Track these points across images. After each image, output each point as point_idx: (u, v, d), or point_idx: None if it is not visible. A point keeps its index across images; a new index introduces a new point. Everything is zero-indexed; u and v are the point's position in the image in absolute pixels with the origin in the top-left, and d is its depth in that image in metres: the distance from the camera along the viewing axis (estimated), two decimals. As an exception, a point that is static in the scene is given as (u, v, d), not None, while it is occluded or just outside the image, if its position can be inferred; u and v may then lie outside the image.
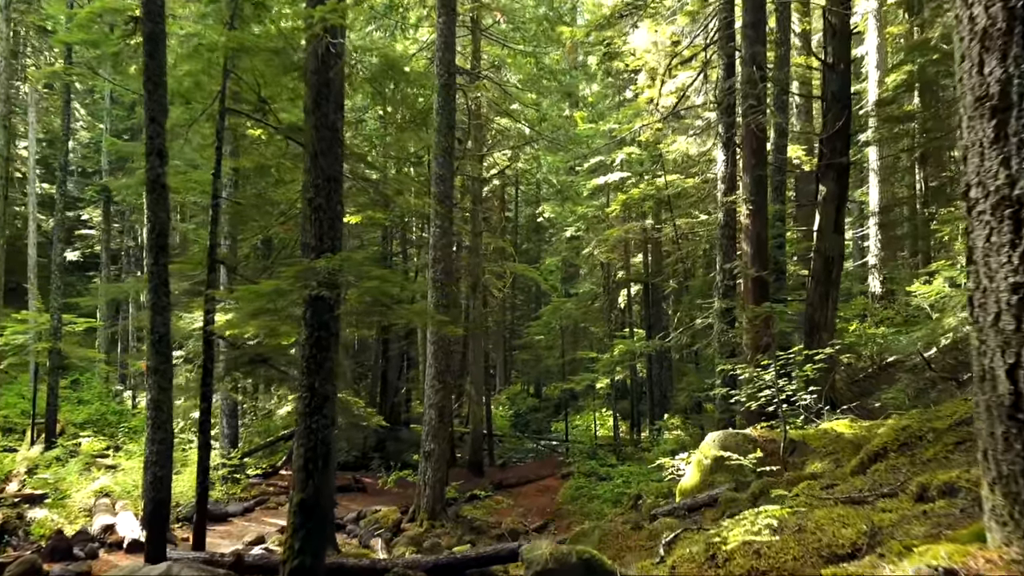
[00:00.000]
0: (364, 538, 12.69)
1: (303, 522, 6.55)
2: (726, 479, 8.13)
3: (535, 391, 38.36)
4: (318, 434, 6.69)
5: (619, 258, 25.92)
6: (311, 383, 6.75)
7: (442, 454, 14.21)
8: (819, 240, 12.14)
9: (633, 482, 16.49)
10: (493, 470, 22.31)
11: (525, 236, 42.39)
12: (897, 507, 3.47)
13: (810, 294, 12.25)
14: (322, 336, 6.79)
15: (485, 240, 24.08)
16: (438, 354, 14.05)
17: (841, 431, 8.18)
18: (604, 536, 7.21)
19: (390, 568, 7.98)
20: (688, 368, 21.52)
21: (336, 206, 6.94)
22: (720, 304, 12.71)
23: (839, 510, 3.60)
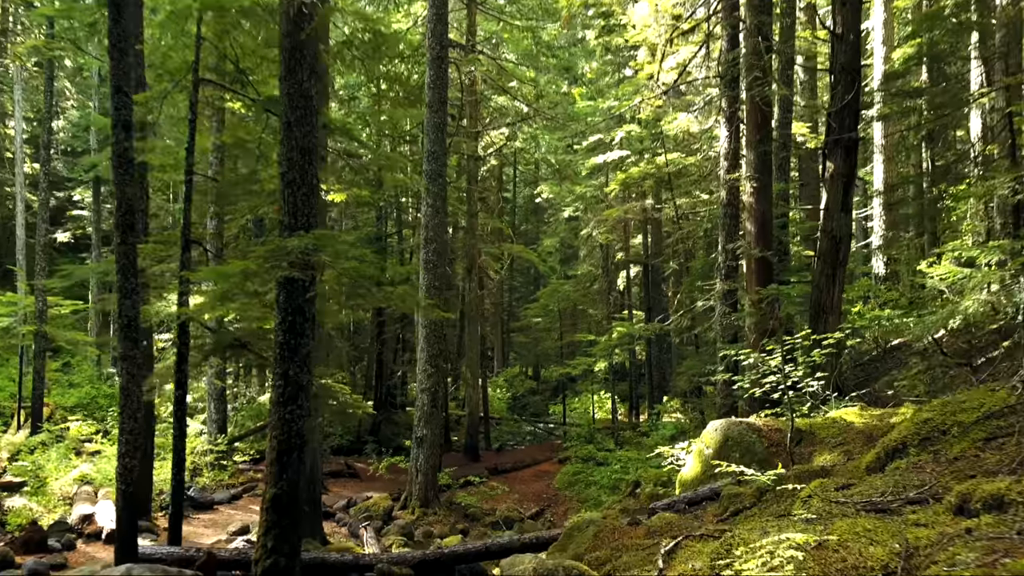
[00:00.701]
0: (353, 527, 12.30)
1: (277, 519, 6.12)
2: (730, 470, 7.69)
3: (533, 373, 37.99)
4: (292, 425, 6.24)
5: (618, 239, 25.40)
6: (285, 370, 6.29)
7: (435, 440, 13.81)
8: (826, 219, 11.62)
9: (631, 468, 16.12)
10: (489, 454, 21.95)
11: (523, 217, 41.85)
12: (932, 520, 3.03)
13: (816, 276, 11.76)
14: (297, 321, 6.32)
15: (482, 221, 23.59)
16: (431, 338, 13.60)
17: (851, 420, 7.74)
18: (598, 532, 6.77)
19: (374, 564, 7.57)
20: (688, 351, 21.10)
21: (312, 180, 6.44)
22: (722, 286, 12.24)
23: (864, 521, 3.15)
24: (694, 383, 17.63)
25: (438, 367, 13.76)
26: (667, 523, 6.66)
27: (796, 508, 4.68)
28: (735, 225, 12.62)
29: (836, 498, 4.20)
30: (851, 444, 7.00)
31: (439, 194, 13.60)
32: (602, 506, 14.60)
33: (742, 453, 7.70)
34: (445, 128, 14.31)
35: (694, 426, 17.32)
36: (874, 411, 7.99)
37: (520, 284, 42.30)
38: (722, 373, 10.43)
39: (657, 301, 23.99)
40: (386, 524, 12.79)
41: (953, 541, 2.61)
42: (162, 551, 7.84)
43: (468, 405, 21.10)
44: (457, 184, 23.94)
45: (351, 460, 19.94)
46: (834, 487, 4.61)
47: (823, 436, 7.57)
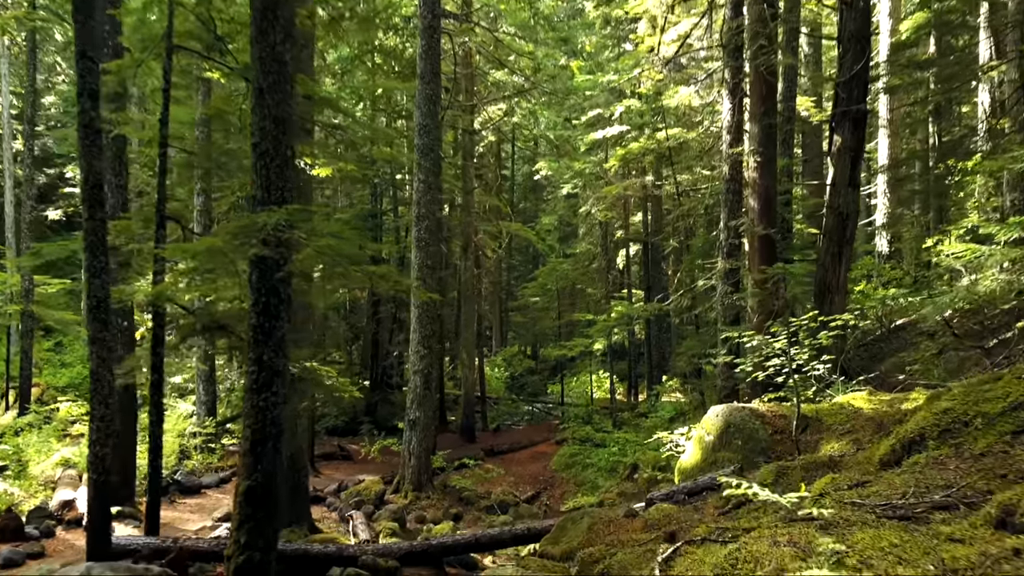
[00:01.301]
0: (344, 512, 12.00)
1: (251, 513, 5.75)
2: (731, 458, 7.34)
3: (532, 352, 37.68)
4: (267, 413, 5.86)
5: (618, 216, 24.94)
6: (259, 355, 5.89)
7: (428, 422, 13.48)
8: (832, 195, 11.18)
9: (629, 450, 15.81)
10: (486, 435, 21.67)
11: (522, 194, 41.30)
12: (969, 534, 2.65)
13: (821, 254, 11.34)
14: (271, 302, 5.92)
15: (479, 198, 23.12)
16: (423, 318, 13.21)
17: (859, 406, 7.36)
18: (592, 525, 6.42)
19: (359, 556, 7.23)
20: (688, 331, 20.72)
21: (285, 151, 6.00)
22: (724, 265, 11.82)
23: (888, 533, 2.77)
24: (694, 365, 17.26)
25: (431, 348, 13.39)
26: (665, 515, 6.31)
27: (806, 506, 4.30)
28: (737, 202, 12.17)
29: (851, 498, 3.82)
30: (860, 432, 6.63)
31: (431, 169, 13.14)
32: (599, 490, 14.32)
33: (744, 440, 7.35)
34: (438, 101, 13.81)
35: (693, 407, 16.99)
36: (883, 396, 7.61)
37: (519, 263, 41.87)
38: (723, 356, 10.04)
39: (657, 280, 23.58)
40: (377, 509, 12.49)
41: (999, 564, 2.24)
42: (138, 541, 7.50)
43: (464, 386, 20.78)
44: (453, 160, 23.44)
45: (345, 442, 19.67)
46: (847, 484, 4.23)
47: (830, 423, 7.19)
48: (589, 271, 28.19)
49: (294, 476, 10.34)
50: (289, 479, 10.32)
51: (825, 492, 4.13)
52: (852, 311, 7.65)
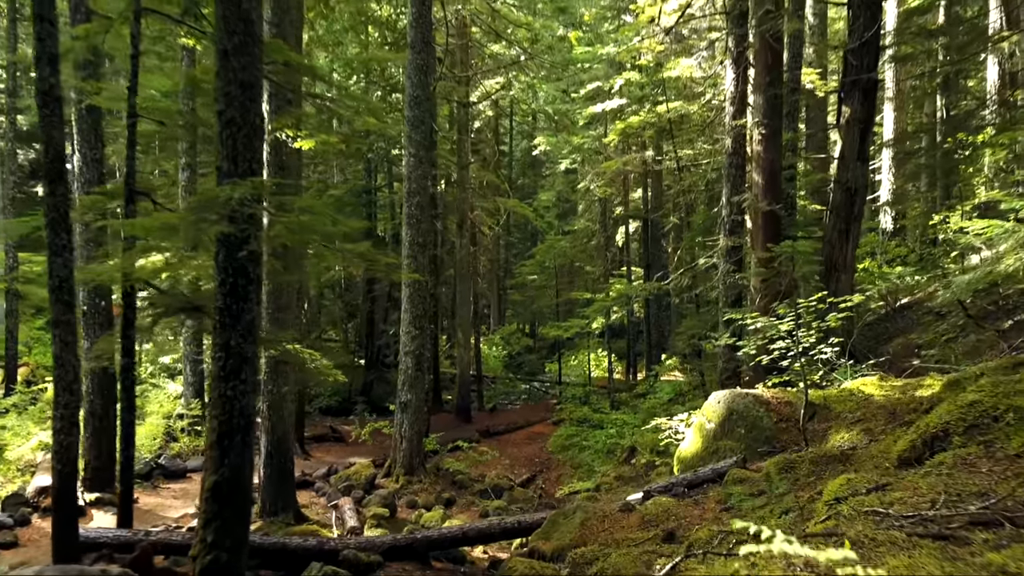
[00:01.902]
0: (332, 497, 11.64)
1: (218, 510, 5.35)
2: (734, 447, 6.94)
3: (530, 330, 37.30)
4: (235, 403, 5.43)
5: (617, 192, 24.41)
6: (226, 340, 5.45)
7: (420, 405, 13.09)
8: (840, 169, 10.70)
9: (626, 432, 15.46)
10: (482, 415, 21.33)
11: (521, 170, 40.67)
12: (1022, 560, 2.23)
13: (828, 231, 10.87)
14: (239, 283, 5.46)
15: (475, 174, 22.58)
16: (414, 297, 12.77)
17: (869, 392, 6.94)
18: (586, 520, 6.04)
19: (340, 550, 6.86)
20: (688, 309, 20.30)
21: (253, 119, 5.52)
22: (726, 242, 11.36)
23: (926, 560, 2.35)
24: (694, 347, 16.86)
25: (422, 328, 12.96)
26: (664, 510, 5.92)
27: (819, 510, 3.89)
28: (740, 176, 11.68)
29: (871, 506, 3.40)
30: (872, 421, 6.21)
31: (422, 143, 12.63)
32: (596, 474, 13.98)
33: (747, 429, 6.94)
34: (429, 71, 13.27)
35: (692, 388, 16.62)
36: (895, 381, 7.20)
37: (517, 240, 41.37)
38: (725, 337, 9.62)
39: (657, 257, 23.13)
40: (367, 494, 12.13)
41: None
42: (108, 534, 7.12)
43: (460, 366, 20.39)
44: (448, 135, 22.87)
45: (339, 422, 19.32)
46: (865, 486, 3.81)
47: (839, 411, 6.78)
48: (588, 248, 27.73)
49: (280, 462, 9.98)
50: (275, 465, 9.96)
51: (841, 497, 3.71)
52: (863, 291, 7.19)
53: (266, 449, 9.92)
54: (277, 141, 9.59)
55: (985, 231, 7.79)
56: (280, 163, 9.77)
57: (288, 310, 9.94)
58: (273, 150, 9.77)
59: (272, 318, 9.80)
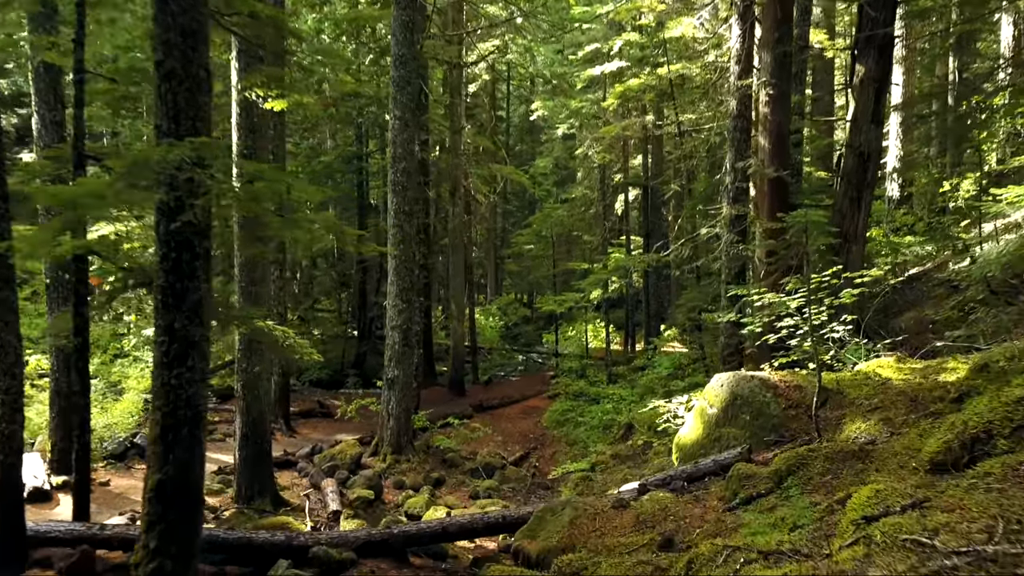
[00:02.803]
0: (316, 478, 11.13)
1: (162, 512, 4.79)
2: (738, 435, 6.37)
3: (528, 300, 36.72)
4: (180, 392, 4.85)
5: (616, 159, 23.63)
6: (169, 323, 4.85)
7: (408, 381, 12.54)
8: (853, 132, 10.02)
9: (623, 408, 14.94)
10: (476, 388, 20.82)
11: (518, 137, 39.76)
12: None
13: (838, 199, 10.24)
14: (183, 258, 4.84)
15: (470, 140, 21.79)
16: (400, 269, 12.14)
17: (886, 375, 6.36)
18: (575, 519, 5.48)
19: (310, 546, 6.32)
20: (688, 280, 19.64)
21: (198, 71, 4.84)
22: (729, 211, 10.70)
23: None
24: (694, 321, 16.27)
25: (410, 302, 12.35)
26: (661, 508, 5.37)
27: (843, 528, 3.30)
28: (745, 140, 10.99)
29: (911, 531, 2.81)
30: (891, 409, 5.63)
31: (408, 105, 11.89)
32: (591, 451, 13.49)
33: (753, 416, 6.36)
34: (416, 29, 12.49)
35: (692, 361, 16.06)
36: (914, 363, 6.60)
37: (515, 208, 40.60)
38: (728, 314, 9.01)
39: (656, 226, 22.46)
40: (353, 474, 11.63)
41: None
42: (59, 528, 6.58)
43: (453, 338, 19.83)
44: (442, 99, 22.03)
45: (328, 397, 18.81)
46: (899, 501, 3.22)
47: (853, 396, 6.19)
48: (586, 217, 27.00)
49: (256, 444, 9.44)
50: (251, 447, 9.43)
51: (871, 516, 3.12)
52: (879, 264, 6.56)
53: (241, 431, 9.39)
54: (248, 102, 8.89)
55: (1019, 200, 7.13)
56: (251, 126, 9.07)
57: (263, 284, 9.32)
58: (244, 112, 9.08)
59: (245, 292, 9.19)
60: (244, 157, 9.01)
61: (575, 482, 11.45)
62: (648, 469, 10.69)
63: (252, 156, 9.04)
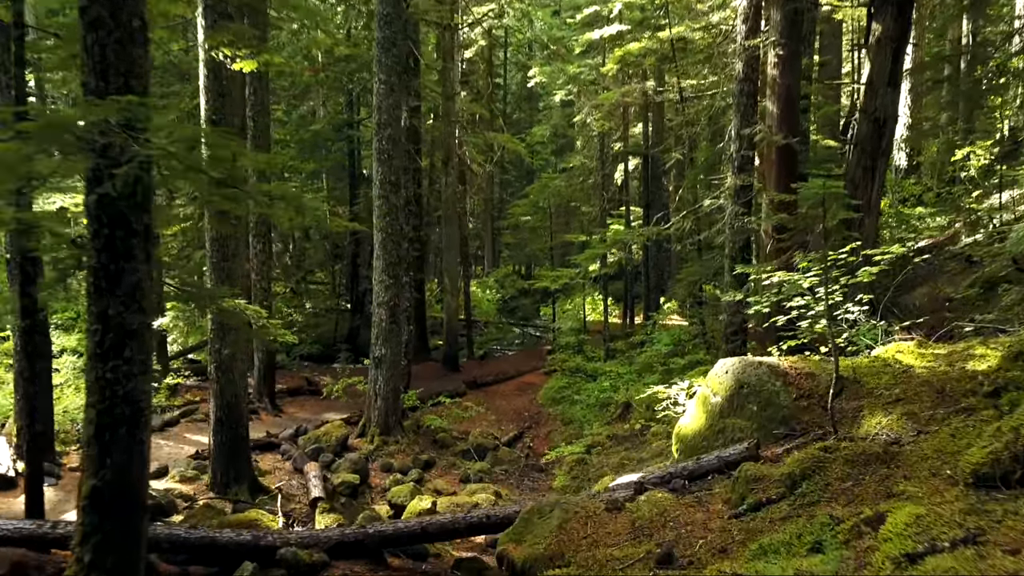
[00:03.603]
0: (298, 461, 10.65)
1: (98, 523, 4.25)
2: (744, 428, 5.83)
3: (526, 272, 36.12)
4: (118, 387, 4.28)
5: (616, 127, 22.86)
6: (103, 309, 4.27)
7: (396, 360, 12.01)
8: (868, 96, 9.35)
9: (621, 385, 14.45)
10: (471, 364, 20.34)
11: (516, 104, 38.87)
12: None
13: (850, 167, 9.60)
14: (117, 235, 4.25)
15: (466, 107, 21.06)
16: (387, 243, 11.55)
17: (907, 361, 5.80)
18: (566, 522, 4.96)
19: (278, 546, 5.82)
20: (690, 253, 19.02)
21: (130, 21, 4.20)
22: (734, 181, 10.06)
23: None
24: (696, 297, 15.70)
25: (397, 277, 11.78)
26: (660, 512, 4.84)
27: (881, 568, 2.76)
28: (752, 106, 10.30)
29: None
30: (915, 402, 5.08)
31: (393, 68, 11.19)
32: (588, 431, 13.01)
33: (761, 406, 5.82)
34: (402, -14, 11.75)
35: (693, 338, 15.53)
36: (937, 348, 6.04)
37: (514, 178, 39.83)
38: (732, 291, 8.43)
39: (657, 196, 21.78)
40: (338, 457, 11.14)
41: None
42: (8, 526, 6.06)
43: (447, 312, 19.29)
44: (435, 65, 21.22)
45: (316, 374, 18.31)
46: (946, 534, 2.67)
47: (872, 386, 5.64)
48: (584, 187, 26.28)
49: (231, 428, 8.91)
50: (226, 432, 8.90)
51: (914, 553, 2.57)
52: (903, 241, 5.97)
53: (215, 415, 8.86)
54: (215, 63, 8.22)
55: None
56: (220, 89, 8.40)
57: (236, 259, 8.73)
58: (212, 74, 8.40)
59: (217, 268, 8.59)
60: (213, 123, 8.38)
61: (569, 465, 10.97)
62: (646, 452, 10.21)
63: (222, 122, 8.41)
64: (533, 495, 10.60)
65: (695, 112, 17.17)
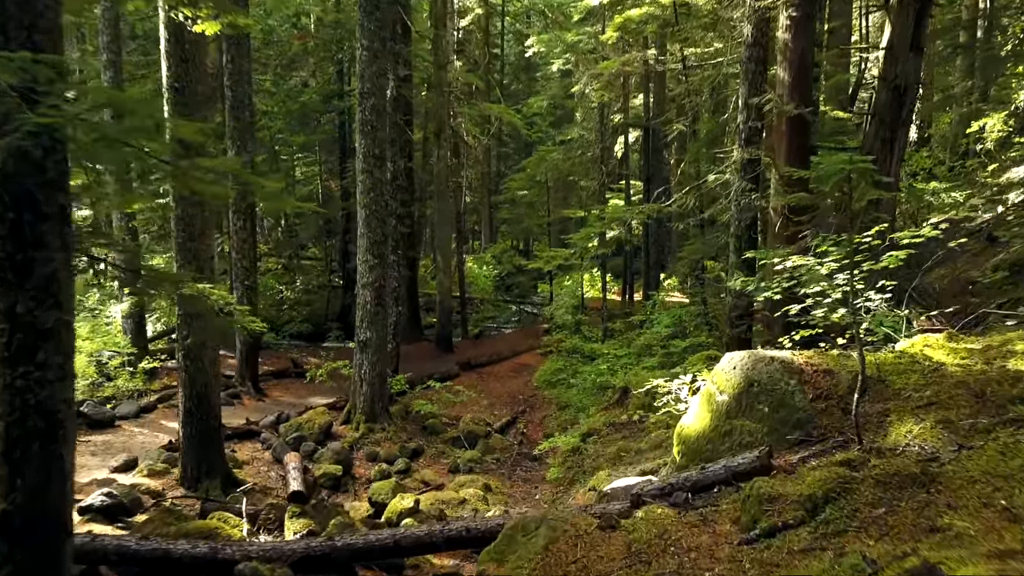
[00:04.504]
0: (278, 451, 10.10)
1: (8, 552, 3.66)
2: (754, 431, 5.24)
3: (524, 247, 35.43)
4: (29, 397, 3.67)
5: (616, 98, 22.06)
6: (10, 305, 3.64)
7: (382, 344, 11.42)
8: (888, 63, 8.66)
9: (619, 368, 13.86)
10: (465, 344, 19.76)
11: (514, 75, 37.91)
12: None
13: (867, 139, 8.94)
14: (26, 220, 3.61)
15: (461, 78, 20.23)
16: (371, 221, 10.90)
17: (937, 358, 5.19)
18: (553, 543, 4.38)
19: (237, 560, 5.26)
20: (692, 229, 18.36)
21: (34, -37, 3.53)
22: (741, 154, 9.38)
23: None
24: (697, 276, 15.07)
25: (382, 256, 11.14)
26: (659, 533, 4.27)
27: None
28: (761, 73, 9.58)
29: None
30: (951, 407, 4.48)
31: (377, 33, 10.45)
32: (584, 417, 12.48)
33: (773, 407, 5.22)
34: (387, -55, 10.96)
35: (694, 317, 14.93)
36: (970, 342, 5.42)
37: (512, 150, 38.99)
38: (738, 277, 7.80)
39: (658, 170, 21.05)
40: (321, 446, 10.61)
41: None
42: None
43: (440, 291, 18.67)
44: (427, 33, 20.38)
45: (304, 354, 17.75)
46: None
47: (898, 386, 5.03)
48: (583, 161, 25.50)
49: (202, 419, 8.34)
50: (196, 423, 8.34)
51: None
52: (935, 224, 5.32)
53: (184, 405, 8.29)
54: (177, 25, 7.52)
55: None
56: (183, 55, 7.71)
57: (203, 238, 8.08)
58: (173, 37, 7.71)
59: (183, 249, 7.97)
60: (175, 91, 7.70)
61: (564, 456, 10.44)
62: (644, 443, 9.65)
63: (185, 91, 7.72)
64: (525, 487, 10.08)
65: (699, 80, 16.37)
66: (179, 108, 7.65)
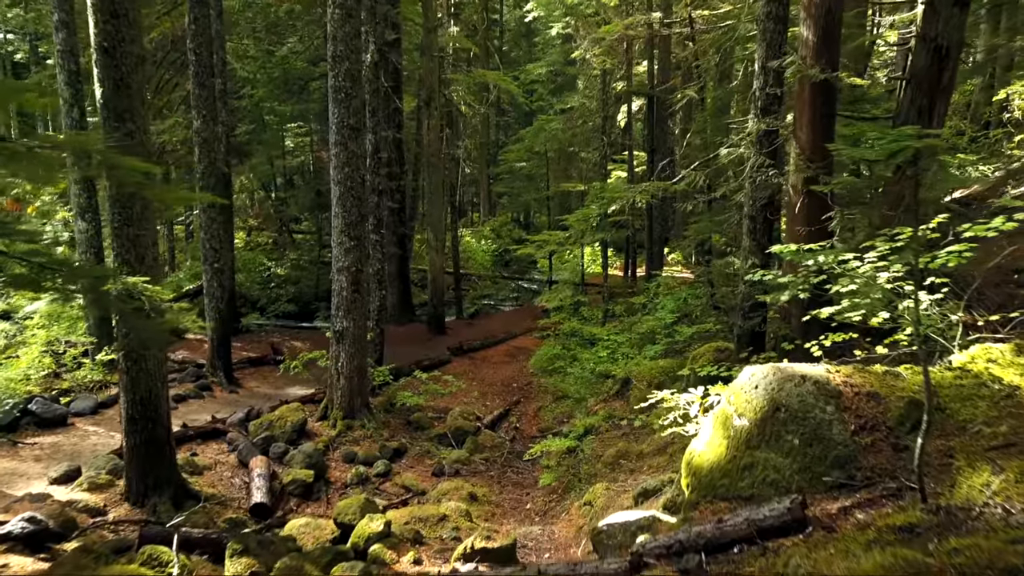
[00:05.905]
0: (245, 453, 9.21)
1: None
2: (781, 467, 4.28)
3: (524, 220, 34.33)
4: None
5: (619, 64, 20.82)
6: None
7: (360, 334, 10.47)
8: (927, 20, 7.54)
9: (620, 355, 12.90)
10: (459, 325, 18.81)
11: (513, 41, 36.52)
12: None
13: (902, 109, 7.85)
14: None
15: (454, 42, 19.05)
16: (346, 199, 9.87)
17: (1010, 379, 4.22)
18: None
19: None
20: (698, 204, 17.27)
21: None
22: (758, 125, 8.31)
23: None
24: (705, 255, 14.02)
25: (360, 239, 10.13)
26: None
27: None
28: (782, 32, 8.47)
29: None
30: (1038, 451, 3.50)
31: (349, -12, 9.33)
32: (582, 408, 11.57)
33: (805, 440, 4.26)
34: None
35: (700, 301, 13.92)
36: (1044, 357, 4.43)
37: (513, 120, 37.74)
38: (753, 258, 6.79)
39: (662, 140, 19.89)
40: (294, 446, 9.71)
41: None
42: None
43: (431, 271, 17.68)
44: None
45: (286, 338, 16.81)
46: None
47: (963, 417, 4.06)
48: (584, 131, 24.32)
49: (147, 427, 7.41)
50: (140, 432, 7.41)
51: None
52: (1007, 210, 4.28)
53: (127, 413, 7.35)
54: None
55: None
56: (113, 9, 6.63)
57: (144, 222, 7.08)
58: (101, -11, 6.64)
59: (119, 234, 6.97)
60: (104, 52, 6.64)
61: (558, 459, 9.54)
62: (647, 445, 8.75)
63: (116, 51, 6.66)
64: (516, 493, 9.19)
65: (708, 42, 15.18)
66: (109, 71, 6.60)
